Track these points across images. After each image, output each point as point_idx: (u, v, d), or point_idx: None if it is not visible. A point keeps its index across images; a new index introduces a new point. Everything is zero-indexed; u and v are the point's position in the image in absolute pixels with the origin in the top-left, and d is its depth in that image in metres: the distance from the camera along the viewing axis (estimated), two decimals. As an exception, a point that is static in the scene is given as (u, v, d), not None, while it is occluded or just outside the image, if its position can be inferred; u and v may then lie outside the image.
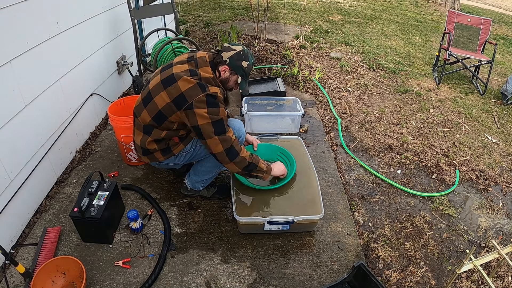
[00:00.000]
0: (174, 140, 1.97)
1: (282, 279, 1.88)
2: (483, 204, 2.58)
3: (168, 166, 2.14)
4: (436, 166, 2.90)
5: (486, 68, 4.57)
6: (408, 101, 3.92)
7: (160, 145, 1.96)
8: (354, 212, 2.38)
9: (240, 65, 1.87)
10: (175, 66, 1.86)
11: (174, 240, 2.04)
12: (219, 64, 1.88)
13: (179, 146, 1.98)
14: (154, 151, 1.98)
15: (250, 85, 3.75)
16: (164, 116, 1.83)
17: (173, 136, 1.95)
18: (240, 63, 1.87)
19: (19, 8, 1.91)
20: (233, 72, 1.90)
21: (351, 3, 8.75)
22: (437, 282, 1.97)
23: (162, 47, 3.02)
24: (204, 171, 2.16)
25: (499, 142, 3.35)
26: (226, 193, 2.34)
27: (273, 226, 2.01)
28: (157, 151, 1.98)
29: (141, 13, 3.22)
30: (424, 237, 2.25)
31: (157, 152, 1.98)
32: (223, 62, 1.87)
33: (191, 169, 2.24)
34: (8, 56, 1.85)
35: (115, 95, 3.32)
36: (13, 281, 1.75)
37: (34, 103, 2.10)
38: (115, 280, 1.79)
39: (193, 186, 2.25)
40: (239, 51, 1.87)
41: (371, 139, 3.19)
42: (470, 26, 4.59)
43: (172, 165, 2.11)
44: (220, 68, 1.89)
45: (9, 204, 1.89)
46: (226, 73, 1.90)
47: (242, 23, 6.16)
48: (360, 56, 5.05)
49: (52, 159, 2.32)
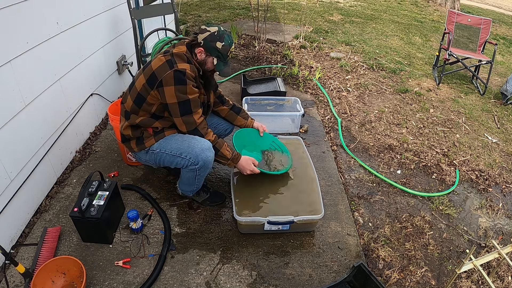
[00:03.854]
0: (148, 131, 1.95)
1: (282, 279, 1.88)
2: (483, 204, 2.58)
3: (144, 161, 2.07)
4: (436, 166, 2.91)
5: (486, 68, 4.57)
6: (408, 101, 3.92)
7: (135, 133, 1.96)
8: (354, 212, 2.38)
9: (214, 46, 1.85)
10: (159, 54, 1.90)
11: (174, 240, 2.04)
12: (194, 46, 1.89)
13: (150, 140, 1.95)
14: (130, 139, 1.99)
15: (250, 85, 3.75)
16: (142, 97, 1.86)
17: (147, 126, 1.94)
18: (214, 44, 1.84)
19: (19, 8, 1.91)
20: (209, 54, 1.89)
21: (351, 3, 8.75)
22: (437, 282, 1.97)
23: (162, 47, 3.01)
24: (184, 181, 2.11)
25: (499, 142, 3.35)
26: (218, 200, 2.28)
27: (273, 226, 2.01)
28: (132, 140, 1.98)
29: (141, 13, 3.22)
30: (424, 237, 2.25)
31: (133, 140, 1.98)
32: (198, 44, 1.87)
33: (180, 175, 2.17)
34: (8, 56, 1.85)
35: (115, 95, 3.32)
36: (13, 281, 1.75)
37: (34, 103, 2.10)
38: (115, 280, 1.79)
39: (183, 192, 2.23)
40: (213, 32, 1.85)
41: (371, 139, 3.19)
42: (470, 26, 4.59)
43: (145, 161, 2.05)
44: (196, 51, 1.89)
45: (9, 204, 1.89)
46: (202, 55, 1.90)
47: (242, 23, 6.16)
48: (360, 56, 5.05)
49: (52, 159, 2.32)
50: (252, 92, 3.58)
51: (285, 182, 2.23)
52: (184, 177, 2.08)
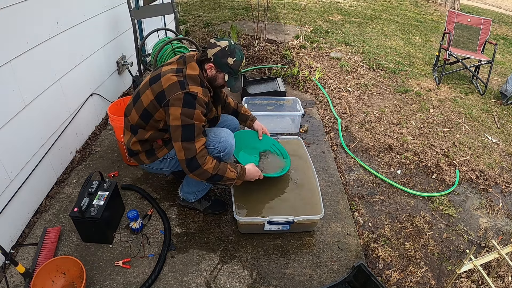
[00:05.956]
0: (157, 142, 1.92)
1: (282, 279, 1.88)
2: (483, 204, 2.58)
3: (156, 171, 2.05)
4: (436, 166, 2.91)
5: (486, 68, 4.57)
6: (408, 101, 3.92)
7: (144, 146, 1.92)
8: (354, 212, 2.38)
9: (226, 62, 1.77)
10: (164, 65, 1.84)
11: (174, 240, 2.04)
12: (204, 62, 1.82)
13: (163, 150, 1.92)
14: (138, 153, 1.94)
15: (250, 85, 3.75)
16: (149, 114, 1.80)
17: (157, 139, 1.90)
18: (225, 60, 1.77)
19: (19, 8, 1.91)
20: (219, 70, 1.82)
21: (351, 3, 8.75)
22: (437, 282, 1.97)
23: (162, 47, 3.02)
24: (194, 181, 2.04)
25: (499, 142, 3.35)
26: (220, 209, 2.24)
27: (273, 226, 2.01)
28: (141, 153, 1.94)
29: (141, 13, 3.22)
30: (424, 237, 2.25)
31: (142, 153, 1.94)
32: (208, 60, 1.80)
33: (184, 179, 2.15)
34: (8, 56, 1.85)
35: (115, 95, 3.32)
36: (13, 281, 1.75)
37: (34, 103, 2.10)
38: (115, 280, 1.79)
39: (185, 197, 2.17)
40: (224, 47, 1.77)
41: (371, 139, 3.19)
42: (470, 26, 4.59)
43: (159, 170, 2.02)
44: (206, 66, 1.82)
45: (9, 204, 1.89)
46: (213, 71, 1.83)
47: (242, 23, 6.16)
48: (360, 56, 5.05)
49: (52, 159, 2.32)
50: (252, 92, 3.58)
51: (285, 182, 2.23)
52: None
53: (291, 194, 2.16)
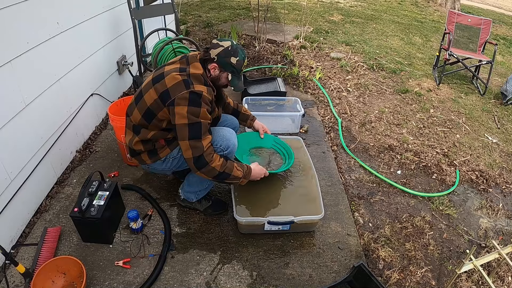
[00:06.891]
0: (160, 142, 1.92)
1: (282, 279, 1.88)
2: (483, 205, 2.58)
3: (158, 171, 2.06)
4: (436, 166, 2.90)
5: (486, 68, 4.57)
6: (408, 101, 3.92)
7: (146, 146, 1.92)
8: (354, 212, 2.38)
9: (229, 62, 1.80)
10: (167, 65, 1.85)
11: (174, 240, 2.04)
12: (207, 62, 1.84)
13: (165, 150, 1.92)
14: (141, 153, 1.94)
15: (250, 85, 3.75)
16: (152, 113, 1.80)
17: (159, 138, 1.90)
18: (228, 60, 1.80)
19: (19, 8, 1.91)
20: (223, 70, 1.85)
21: (351, 3, 8.75)
22: (437, 282, 1.97)
23: (162, 47, 3.02)
24: (196, 181, 2.07)
25: (499, 142, 3.35)
26: (221, 209, 2.24)
27: (273, 226, 2.01)
28: (143, 153, 1.94)
29: (141, 13, 3.22)
30: (424, 237, 2.25)
31: (144, 153, 1.94)
32: (211, 59, 1.82)
33: (185, 179, 2.16)
34: (8, 56, 1.85)
35: (115, 95, 3.32)
36: (13, 281, 1.75)
37: (34, 103, 2.10)
38: (115, 280, 1.79)
39: (186, 197, 2.17)
40: (227, 47, 1.80)
41: (371, 139, 3.19)
42: (470, 26, 4.59)
43: (161, 170, 2.02)
44: (209, 66, 1.84)
45: (9, 204, 1.90)
46: (216, 71, 1.85)
47: (243, 23, 6.16)
48: (360, 56, 5.05)
49: (52, 159, 2.32)
50: (253, 92, 3.58)
51: (285, 182, 2.23)
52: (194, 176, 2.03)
53: (291, 194, 2.16)
